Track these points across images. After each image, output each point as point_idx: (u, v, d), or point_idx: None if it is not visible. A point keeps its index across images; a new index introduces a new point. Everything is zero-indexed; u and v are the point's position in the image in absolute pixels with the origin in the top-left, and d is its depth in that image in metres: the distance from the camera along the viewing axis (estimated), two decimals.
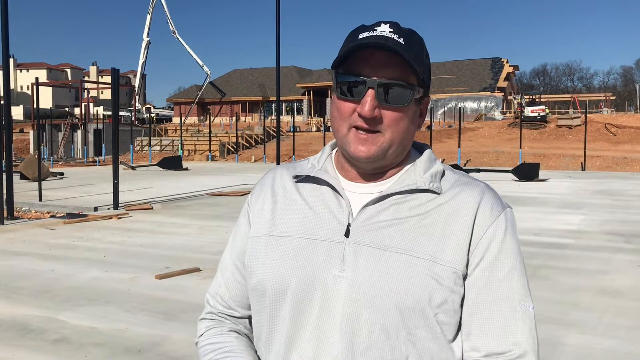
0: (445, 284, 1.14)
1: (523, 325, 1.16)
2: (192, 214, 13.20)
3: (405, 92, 1.17)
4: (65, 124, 53.61)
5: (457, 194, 1.21)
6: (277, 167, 1.39)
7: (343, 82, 1.19)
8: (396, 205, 1.20)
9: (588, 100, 52.46)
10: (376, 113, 1.16)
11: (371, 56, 1.16)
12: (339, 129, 1.21)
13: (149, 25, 66.40)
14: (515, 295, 1.17)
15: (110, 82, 15.34)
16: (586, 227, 11.44)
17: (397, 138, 1.19)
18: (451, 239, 1.16)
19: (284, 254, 1.22)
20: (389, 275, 1.14)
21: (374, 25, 1.20)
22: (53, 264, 8.02)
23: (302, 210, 1.26)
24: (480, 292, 1.16)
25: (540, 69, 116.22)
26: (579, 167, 31.84)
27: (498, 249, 1.18)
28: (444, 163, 1.31)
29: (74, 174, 26.76)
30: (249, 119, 67.41)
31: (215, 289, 1.39)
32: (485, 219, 1.19)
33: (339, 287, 1.16)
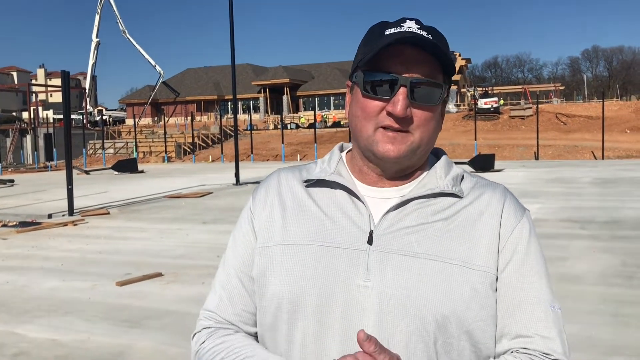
0: (481, 289, 1.11)
1: (554, 327, 1.14)
2: (150, 218, 12.96)
3: (435, 90, 1.14)
4: (14, 129, 51.94)
5: (478, 196, 1.19)
6: (280, 171, 1.30)
7: (372, 79, 1.13)
8: (419, 210, 1.16)
9: (538, 91, 53.74)
10: (408, 112, 1.11)
11: (402, 53, 1.12)
12: (364, 129, 1.15)
13: (98, 25, 64.86)
14: (546, 297, 1.16)
15: (61, 84, 14.90)
16: (543, 215, 11.72)
17: (426, 138, 1.15)
18: (481, 242, 1.14)
19: (302, 263, 1.14)
20: (424, 284, 1.09)
21: (399, 22, 1.16)
22: (7, 275, 7.74)
23: (317, 217, 1.18)
24: (513, 295, 1.14)
25: (491, 61, 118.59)
26: (532, 157, 32.67)
27: (525, 250, 1.16)
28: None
29: (25, 181, 25.97)
30: (204, 118, 66.63)
31: (216, 304, 1.25)
32: (510, 221, 1.17)
33: (365, 299, 1.10)
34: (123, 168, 29.85)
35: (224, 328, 1.23)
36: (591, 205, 12.95)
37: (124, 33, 65.10)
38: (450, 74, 1.18)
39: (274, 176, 1.30)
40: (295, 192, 1.24)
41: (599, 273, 7.12)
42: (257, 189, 1.30)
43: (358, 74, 1.16)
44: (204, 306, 1.28)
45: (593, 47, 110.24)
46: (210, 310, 1.25)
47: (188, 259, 8.50)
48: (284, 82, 65.79)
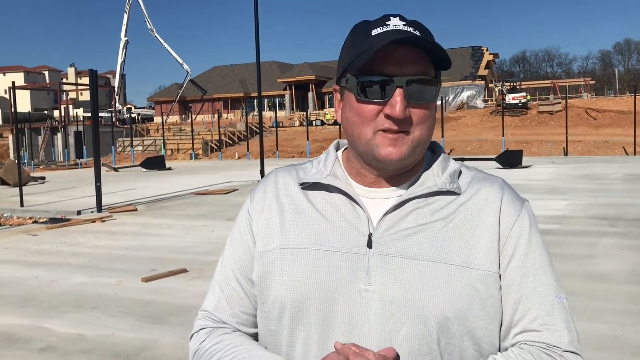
0: (484, 289, 1.10)
1: (562, 318, 1.13)
2: (177, 214, 13.10)
3: (430, 87, 1.12)
4: (45, 127, 52.97)
5: (476, 191, 1.18)
6: (277, 172, 1.29)
7: (365, 83, 1.10)
8: (418, 210, 1.14)
9: (568, 86, 52.77)
10: (407, 113, 1.09)
11: (392, 52, 1.08)
12: (362, 134, 1.12)
13: (127, 24, 65.72)
14: (551, 289, 1.15)
15: (89, 83, 15.15)
16: (570, 212, 11.53)
17: (425, 135, 1.14)
18: (480, 241, 1.12)
19: (302, 268, 1.14)
20: (425, 287, 1.08)
21: (383, 20, 1.13)
22: (37, 271, 7.91)
23: (315, 220, 1.17)
24: (518, 289, 1.13)
25: (519, 56, 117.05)
26: (561, 153, 32.14)
27: (527, 244, 1.15)
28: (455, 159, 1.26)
29: (55, 178, 26.48)
30: (231, 115, 67.07)
31: (214, 305, 1.25)
32: (509, 216, 1.16)
33: (367, 303, 1.09)
34: (151, 165, 30.22)
35: (221, 327, 1.23)
36: (621, 202, 12.69)
37: (152, 32, 65.84)
38: (442, 67, 1.14)
39: (271, 177, 1.28)
40: (293, 195, 1.22)
41: (628, 271, 6.97)
42: (255, 191, 1.28)
43: (350, 79, 1.13)
44: (202, 307, 1.28)
45: (625, 40, 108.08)
46: (208, 311, 1.26)
47: (213, 255, 8.57)
48: (310, 79, 65.80)
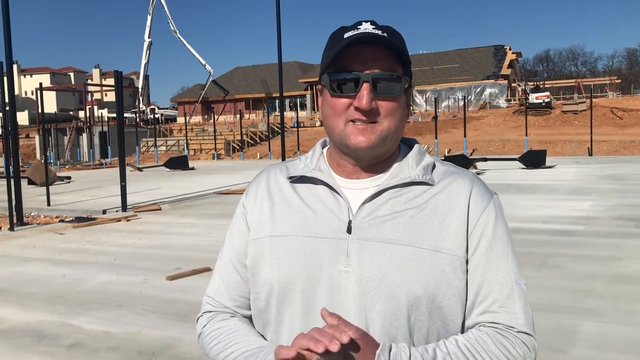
0: (449, 271, 1.21)
1: (519, 301, 1.25)
2: (200, 214, 13.22)
3: (395, 83, 1.24)
4: (71, 128, 53.76)
5: (449, 184, 1.29)
6: (269, 168, 1.43)
7: (337, 79, 1.24)
8: (393, 199, 1.26)
9: (593, 85, 52.06)
10: (373, 105, 1.22)
11: (361, 52, 1.22)
12: (335, 125, 1.26)
13: (150, 26, 66.39)
14: (512, 276, 1.26)
15: (114, 84, 15.35)
16: (596, 213, 11.38)
17: (394, 126, 1.25)
18: (450, 227, 1.24)
19: (289, 253, 1.26)
20: (397, 268, 1.20)
21: (356, 25, 1.26)
22: (64, 269, 8.05)
23: (301, 210, 1.30)
24: (482, 274, 1.24)
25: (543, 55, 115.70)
26: (585, 153, 31.69)
27: (492, 233, 1.26)
28: (431, 154, 1.38)
29: (81, 178, 26.86)
30: (252, 116, 67.39)
31: (214, 291, 1.40)
32: (477, 207, 1.27)
33: (346, 282, 1.21)
34: (174, 165, 30.49)
35: (221, 312, 1.38)
36: None
37: (175, 33, 66.42)
38: (408, 65, 1.27)
39: (264, 174, 1.42)
40: (282, 188, 1.35)
41: None
42: (249, 186, 1.43)
43: (324, 77, 1.27)
44: (206, 292, 1.43)
45: None
46: (210, 296, 1.41)
47: None
48: None
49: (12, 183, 12.70)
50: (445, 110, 55.98)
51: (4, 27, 12.37)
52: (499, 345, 1.19)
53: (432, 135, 36.73)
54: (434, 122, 34.18)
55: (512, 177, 19.38)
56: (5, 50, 12.54)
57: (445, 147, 34.56)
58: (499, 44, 68.06)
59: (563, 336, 4.92)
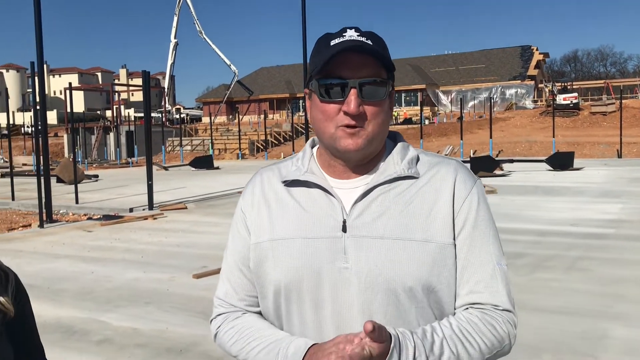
0: (440, 258, 1.29)
1: (501, 281, 1.33)
2: (225, 213, 13.31)
3: (380, 87, 1.31)
4: (98, 127, 54.56)
5: (434, 174, 1.36)
6: (262, 171, 1.49)
7: (325, 85, 1.30)
8: (383, 195, 1.33)
9: (622, 86, 51.12)
10: (361, 109, 1.28)
11: (347, 59, 1.28)
12: (326, 130, 1.32)
13: (176, 26, 67.02)
14: (493, 257, 1.34)
15: (141, 84, 15.54)
16: (626, 216, 11.18)
17: (378, 129, 1.32)
18: (437, 216, 1.31)
19: (290, 255, 1.33)
20: (392, 262, 1.27)
21: (341, 32, 1.32)
22: (93, 266, 8.17)
23: (297, 213, 1.36)
24: (466, 256, 1.32)
25: (571, 55, 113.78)
26: (614, 155, 31.15)
27: (474, 217, 1.34)
28: (416, 148, 1.44)
29: (108, 176, 27.24)
30: (276, 116, 67.61)
31: (224, 293, 1.47)
32: (461, 194, 1.34)
33: (347, 278, 1.28)
34: (200, 164, 30.77)
35: (233, 312, 1.45)
36: None
37: (201, 33, 66.95)
38: (391, 70, 1.34)
39: (257, 177, 1.48)
40: (277, 192, 1.41)
41: None
42: (245, 191, 1.49)
43: (313, 83, 1.34)
44: (216, 294, 1.51)
45: None
46: (220, 298, 1.48)
47: None
48: None
49: (42, 181, 12.94)
50: (471, 110, 55.48)
51: (36, 29, 12.60)
52: (487, 325, 1.28)
53: (457, 136, 36.44)
54: (459, 123, 33.91)
55: (539, 179, 19.13)
56: (36, 51, 12.76)
57: (471, 148, 34.27)
58: (526, 44, 67.28)
59: (593, 341, 4.84)
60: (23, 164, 40.22)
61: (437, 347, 1.22)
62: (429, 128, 44.78)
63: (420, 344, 1.20)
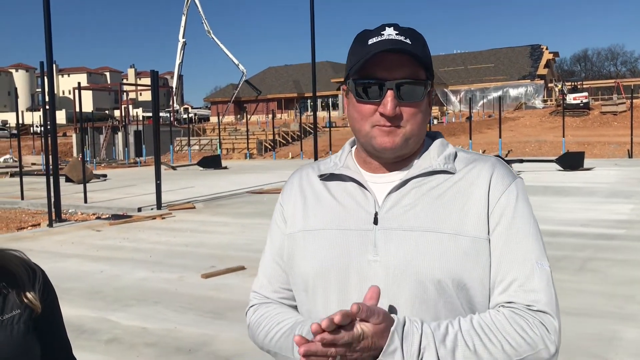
0: (472, 252, 1.25)
1: (540, 281, 1.24)
2: (234, 212, 13.32)
3: (419, 88, 1.29)
4: (106, 127, 54.77)
5: (470, 169, 1.33)
6: (302, 168, 1.52)
7: (362, 85, 1.29)
8: (416, 189, 1.31)
9: (633, 85, 50.72)
10: (397, 111, 1.27)
11: (384, 59, 1.27)
12: (362, 128, 1.32)
13: (184, 26, 67.10)
14: (532, 255, 1.26)
15: (150, 84, 15.57)
16: (637, 216, 11.09)
17: (416, 129, 1.31)
18: (471, 210, 1.27)
19: (321, 246, 1.33)
20: (420, 254, 1.24)
21: (379, 30, 1.30)
22: (102, 265, 8.19)
23: (331, 205, 1.37)
24: (501, 253, 1.26)
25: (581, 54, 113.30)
26: (625, 155, 30.93)
27: (512, 213, 1.28)
28: (462, 148, 1.41)
29: (116, 176, 27.34)
30: (284, 116, 67.65)
31: (259, 286, 1.49)
32: (497, 188, 1.29)
33: (375, 271, 1.27)
34: (208, 164, 30.82)
35: (265, 303, 1.46)
36: None
37: (209, 33, 67.05)
38: (429, 68, 1.31)
39: (297, 173, 1.51)
40: (314, 186, 1.43)
41: None
42: (284, 186, 1.52)
43: (350, 82, 1.33)
44: (252, 287, 1.52)
45: None
46: (255, 291, 1.50)
47: None
48: None
49: (51, 180, 12.99)
50: (480, 110, 55.30)
51: (45, 29, 12.66)
52: (514, 325, 1.19)
53: (466, 135, 36.33)
54: (468, 123, 33.80)
55: (549, 179, 19.03)
56: (45, 51, 12.82)
57: (480, 148, 34.14)
58: (536, 44, 66.98)
59: (604, 342, 4.80)
60: (32, 164, 40.45)
61: (450, 339, 1.16)
62: (437, 128, 44.67)
63: (429, 332, 1.16)
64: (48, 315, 1.45)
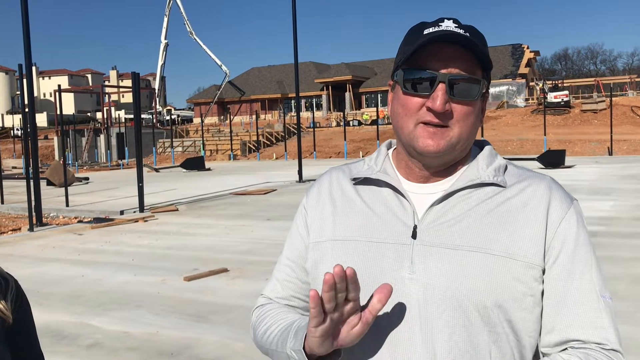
0: (524, 279, 1.12)
1: (607, 316, 1.14)
2: (217, 214, 13.25)
3: (474, 86, 1.16)
4: (88, 129, 54.31)
5: (524, 187, 1.19)
6: (332, 170, 1.37)
7: (411, 77, 1.17)
8: (462, 202, 1.18)
9: (612, 83, 51.41)
10: (447, 107, 1.14)
11: (439, 50, 1.14)
12: (405, 125, 1.19)
13: (167, 27, 66.84)
14: (596, 287, 1.15)
15: (131, 85, 15.46)
16: (617, 213, 11.23)
17: (465, 132, 1.17)
18: (525, 232, 1.14)
19: (351, 258, 1.20)
20: (465, 276, 1.11)
21: (437, 22, 1.18)
22: (83, 269, 8.10)
23: (364, 213, 1.24)
24: (565, 286, 1.14)
25: (561, 53, 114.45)
26: (605, 152, 31.32)
27: (574, 242, 1.15)
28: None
29: (98, 178, 27.10)
30: (268, 116, 67.54)
31: (270, 290, 1.38)
32: (557, 213, 1.16)
33: (409, 290, 1.14)
34: (191, 166, 30.67)
35: (270, 303, 1.37)
36: None
37: (191, 34, 66.80)
38: (488, 69, 1.19)
39: (326, 175, 1.37)
40: (345, 190, 1.30)
41: None
42: (311, 188, 1.39)
43: (398, 73, 1.20)
44: (262, 291, 1.43)
45: None
46: (264, 294, 1.40)
47: (253, 254, 8.65)
48: (347, 79, 65.76)
49: (31, 184, 12.84)
50: None
51: (24, 30, 12.49)
52: None
53: None
54: None
55: None
56: (24, 53, 12.66)
57: None
58: (517, 43, 67.53)
59: None
60: (13, 167, 39.97)
61: None
62: None
63: None
64: (20, 325, 1.42)
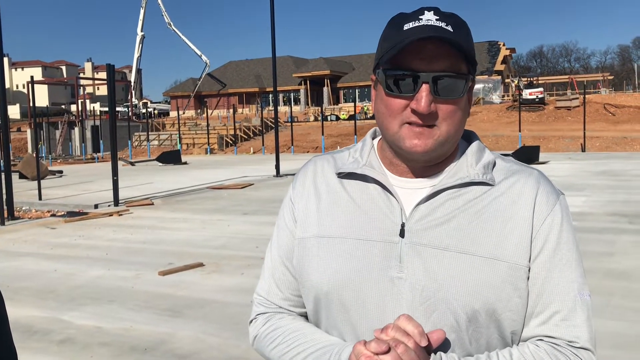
0: (512, 281, 1.12)
1: (582, 314, 1.14)
2: (193, 209, 13.16)
3: (459, 83, 1.12)
4: (63, 122, 53.48)
5: (512, 184, 1.18)
6: (316, 160, 1.33)
7: (393, 77, 1.12)
8: (451, 201, 1.16)
9: (586, 81, 52.13)
10: (432, 108, 1.10)
11: (422, 48, 1.09)
12: (389, 126, 1.15)
13: (143, 19, 66.07)
14: (575, 285, 1.15)
15: (106, 78, 15.24)
16: (589, 208, 11.40)
17: (453, 129, 1.14)
18: (512, 234, 1.14)
19: (338, 256, 1.18)
20: (453, 278, 1.11)
21: (417, 14, 1.13)
22: (55, 264, 7.98)
23: (350, 209, 1.21)
24: (543, 283, 1.14)
25: (536, 50, 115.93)
26: (579, 149, 31.81)
27: (556, 240, 1.15)
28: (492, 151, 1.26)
29: (72, 172, 26.71)
30: (246, 110, 67.19)
31: (266, 290, 1.31)
32: (542, 210, 1.16)
33: (399, 290, 1.13)
34: (167, 160, 30.40)
35: (276, 312, 1.30)
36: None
37: (170, 25, 66.14)
38: (473, 62, 1.14)
39: (310, 165, 1.32)
40: (330, 183, 1.26)
41: None
42: (296, 178, 1.33)
43: (379, 72, 1.16)
44: (257, 290, 1.35)
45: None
46: (262, 296, 1.32)
47: (229, 249, 8.61)
48: (325, 73, 65.69)
49: (3, 177, 12.60)
50: None
51: None
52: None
53: None
54: None
55: None
56: None
57: None
58: (493, 40, 68.09)
59: None
60: None
61: None
62: None
63: None
64: None
